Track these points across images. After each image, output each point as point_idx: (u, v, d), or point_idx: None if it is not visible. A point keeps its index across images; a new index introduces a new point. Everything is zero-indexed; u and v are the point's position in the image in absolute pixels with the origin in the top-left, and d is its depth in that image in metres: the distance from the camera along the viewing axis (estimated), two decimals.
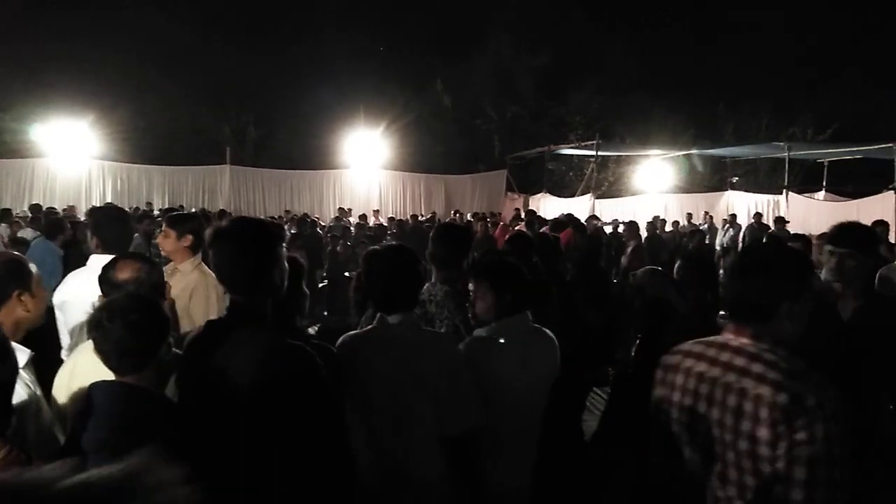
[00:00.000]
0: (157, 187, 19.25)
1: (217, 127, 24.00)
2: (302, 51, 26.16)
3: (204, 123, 24.05)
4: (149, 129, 22.41)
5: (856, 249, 2.56)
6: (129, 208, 16.10)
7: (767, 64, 27.73)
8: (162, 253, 3.71)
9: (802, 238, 5.80)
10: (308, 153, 23.13)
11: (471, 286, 2.54)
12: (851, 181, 19.55)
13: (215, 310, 2.93)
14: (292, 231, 11.61)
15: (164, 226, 3.40)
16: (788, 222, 13.81)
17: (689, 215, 16.49)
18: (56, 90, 19.14)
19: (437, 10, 29.00)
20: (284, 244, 1.87)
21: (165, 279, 2.54)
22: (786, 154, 17.06)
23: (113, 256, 2.47)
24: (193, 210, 14.62)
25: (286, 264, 1.87)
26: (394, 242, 2.49)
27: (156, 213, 13.41)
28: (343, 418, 1.96)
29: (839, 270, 2.57)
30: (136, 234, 7.08)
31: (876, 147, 15.51)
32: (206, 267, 3.13)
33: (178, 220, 3.41)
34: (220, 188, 19.69)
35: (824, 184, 20.06)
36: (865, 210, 13.56)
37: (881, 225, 7.52)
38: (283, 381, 1.70)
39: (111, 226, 3.14)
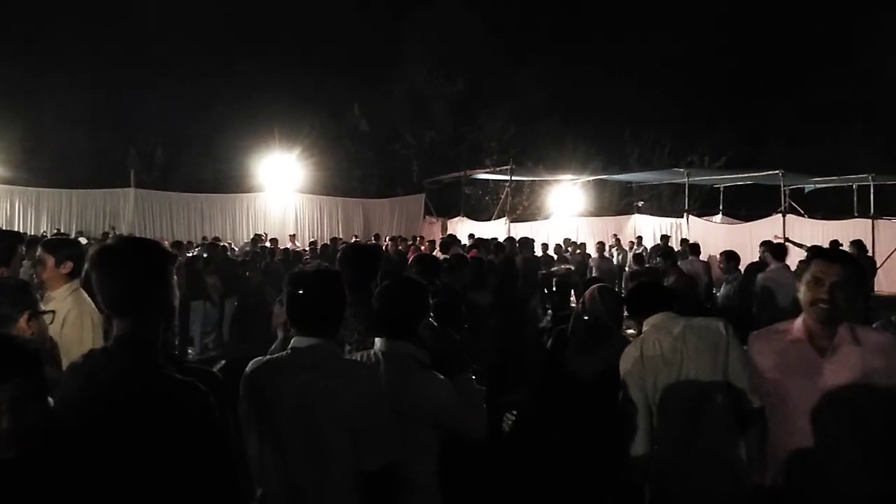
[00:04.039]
0: (52, 212, 18.00)
1: (121, 148, 22.81)
2: (213, 71, 25.50)
3: (106, 145, 22.80)
4: (44, 150, 21.00)
5: None
6: (27, 234, 14.95)
7: (667, 95, 29.57)
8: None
9: None
10: (220, 176, 22.44)
11: None
12: (744, 205, 21.04)
13: (90, 338, 2.74)
14: (205, 255, 11.16)
15: (39, 251, 3.13)
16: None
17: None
18: None
19: (353, 36, 29.13)
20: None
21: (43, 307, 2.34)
22: (685, 180, 18.10)
23: None
24: (78, 237, 13.71)
25: (176, 287, 1.76)
26: (322, 264, 2.40)
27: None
28: (233, 455, 1.83)
29: None
30: (27, 262, 6.55)
31: (765, 174, 16.81)
32: (83, 293, 2.94)
33: (55, 245, 3.18)
34: (123, 212, 18.63)
35: (721, 207, 21.45)
36: (757, 232, 14.58)
37: (769, 245, 8.07)
38: (171, 421, 1.57)
39: None
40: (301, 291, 2.11)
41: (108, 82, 23.59)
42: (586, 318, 3.43)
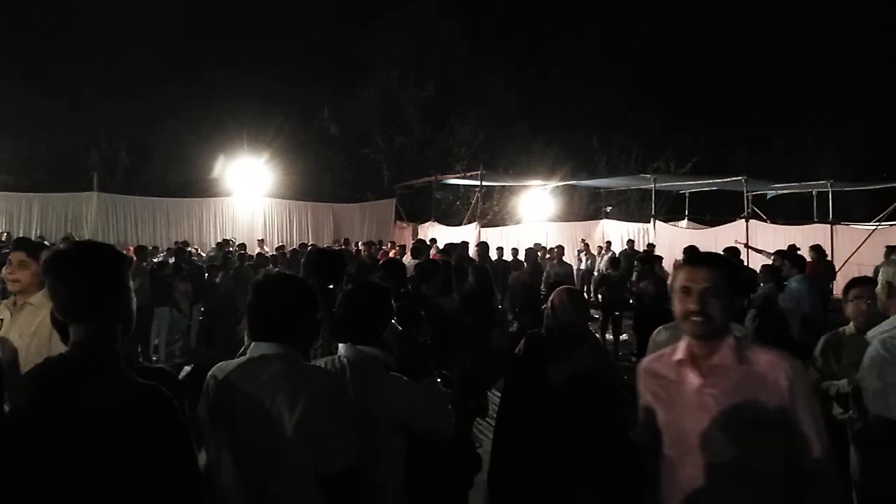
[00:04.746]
0: (11, 216, 17.48)
1: (83, 151, 22.27)
2: (180, 73, 25.09)
3: (68, 147, 22.23)
4: (2, 153, 20.40)
5: None
6: None
7: (634, 103, 30.09)
8: (10, 287, 3.31)
9: None
10: (186, 180, 22.03)
11: None
12: (709, 210, 21.50)
13: None
14: (171, 261, 10.96)
15: (21, 255, 3.04)
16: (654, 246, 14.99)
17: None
18: None
19: (323, 39, 28.99)
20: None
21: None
22: (652, 186, 18.40)
23: None
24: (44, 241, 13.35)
25: (132, 293, 1.73)
26: (272, 269, 2.39)
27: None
28: (196, 458, 1.81)
29: None
30: None
31: (728, 180, 17.20)
32: None
33: (37, 248, 3.10)
34: (86, 217, 18.20)
35: (686, 213, 21.87)
36: (722, 236, 14.91)
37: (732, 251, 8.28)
38: (135, 425, 1.55)
39: None
40: (257, 298, 2.10)
41: (71, 83, 23.01)
42: (558, 321, 3.48)
